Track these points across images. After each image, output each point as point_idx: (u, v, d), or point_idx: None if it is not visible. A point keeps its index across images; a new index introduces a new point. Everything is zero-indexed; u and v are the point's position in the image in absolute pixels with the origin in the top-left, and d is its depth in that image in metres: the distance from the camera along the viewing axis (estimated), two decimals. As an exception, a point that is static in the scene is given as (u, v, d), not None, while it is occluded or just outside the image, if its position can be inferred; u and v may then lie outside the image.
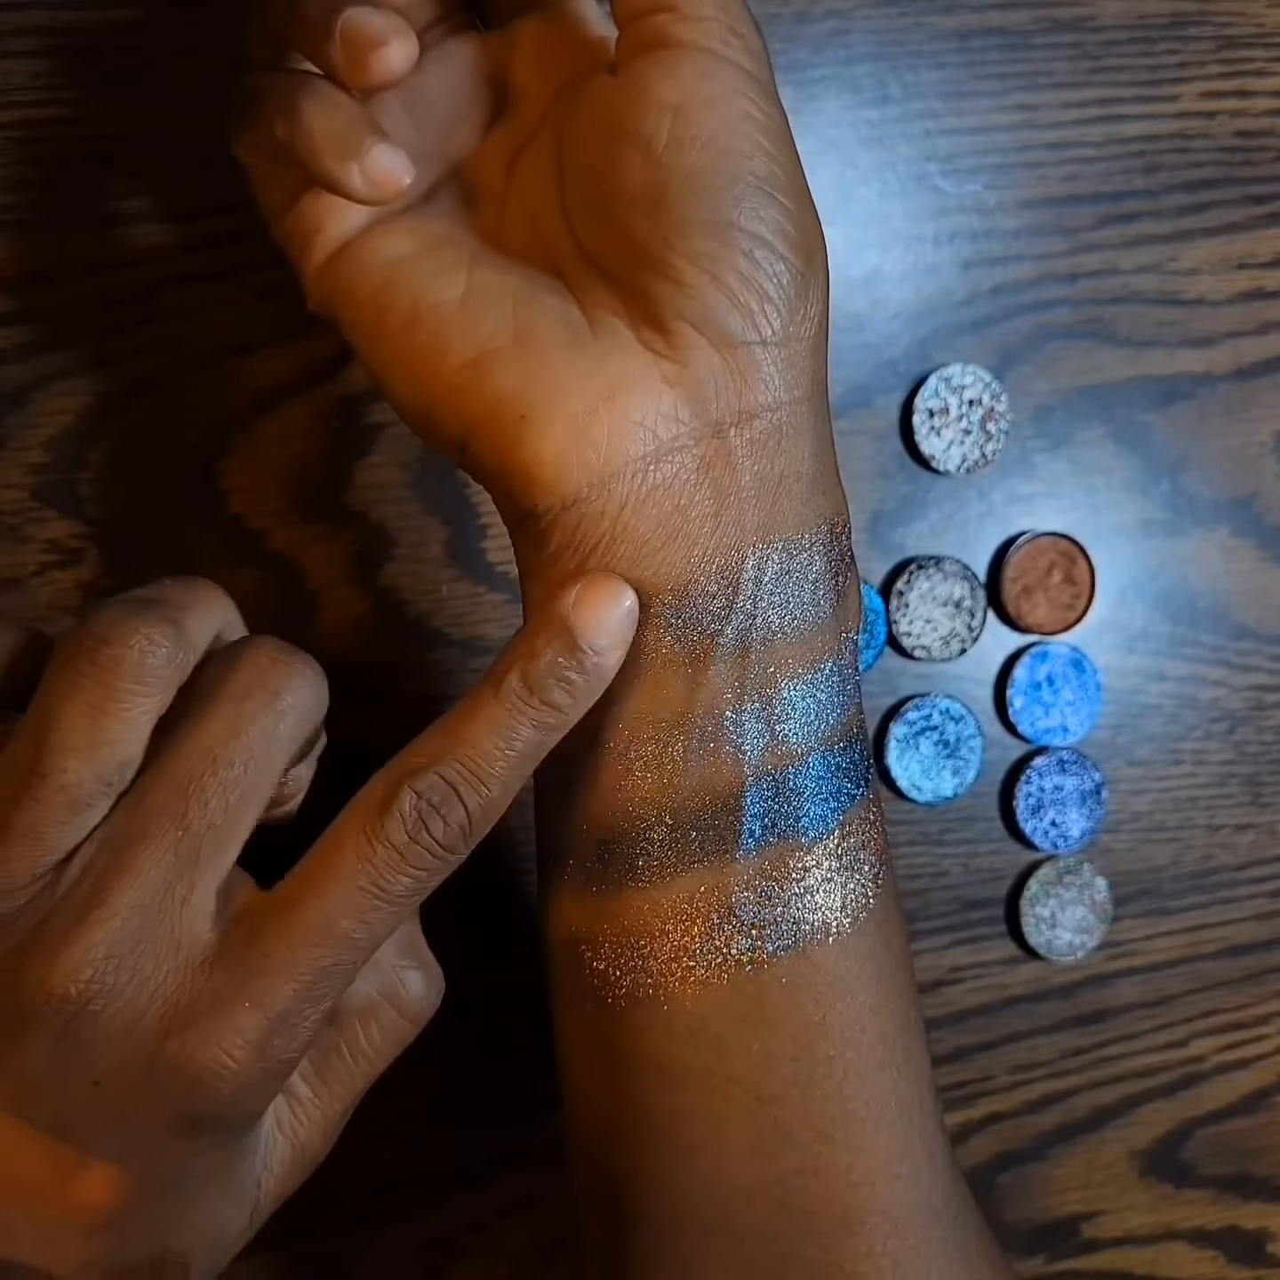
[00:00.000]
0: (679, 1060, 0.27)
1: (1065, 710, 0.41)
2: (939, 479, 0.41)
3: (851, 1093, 0.27)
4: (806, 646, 0.27)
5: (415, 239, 0.29)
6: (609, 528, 0.27)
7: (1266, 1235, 0.42)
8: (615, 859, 0.27)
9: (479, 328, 0.27)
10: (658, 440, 0.26)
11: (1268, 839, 0.42)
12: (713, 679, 0.27)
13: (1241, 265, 0.41)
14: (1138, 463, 0.41)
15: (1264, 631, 0.42)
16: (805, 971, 0.27)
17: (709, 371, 0.27)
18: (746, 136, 0.27)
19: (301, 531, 0.38)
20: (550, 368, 0.27)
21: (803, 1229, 0.27)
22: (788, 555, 0.27)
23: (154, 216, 0.37)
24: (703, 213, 0.26)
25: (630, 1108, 0.28)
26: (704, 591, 0.27)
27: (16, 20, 0.37)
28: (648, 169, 0.27)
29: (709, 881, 0.27)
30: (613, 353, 0.27)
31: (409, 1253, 0.39)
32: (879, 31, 0.40)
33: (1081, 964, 0.41)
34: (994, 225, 0.40)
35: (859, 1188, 0.27)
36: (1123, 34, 0.41)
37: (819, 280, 0.28)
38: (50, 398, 0.37)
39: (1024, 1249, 0.41)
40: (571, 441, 0.26)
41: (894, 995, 0.28)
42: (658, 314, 0.27)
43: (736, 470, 0.27)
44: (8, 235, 0.37)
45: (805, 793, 0.27)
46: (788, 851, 0.27)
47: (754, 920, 0.27)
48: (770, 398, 0.27)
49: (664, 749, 0.27)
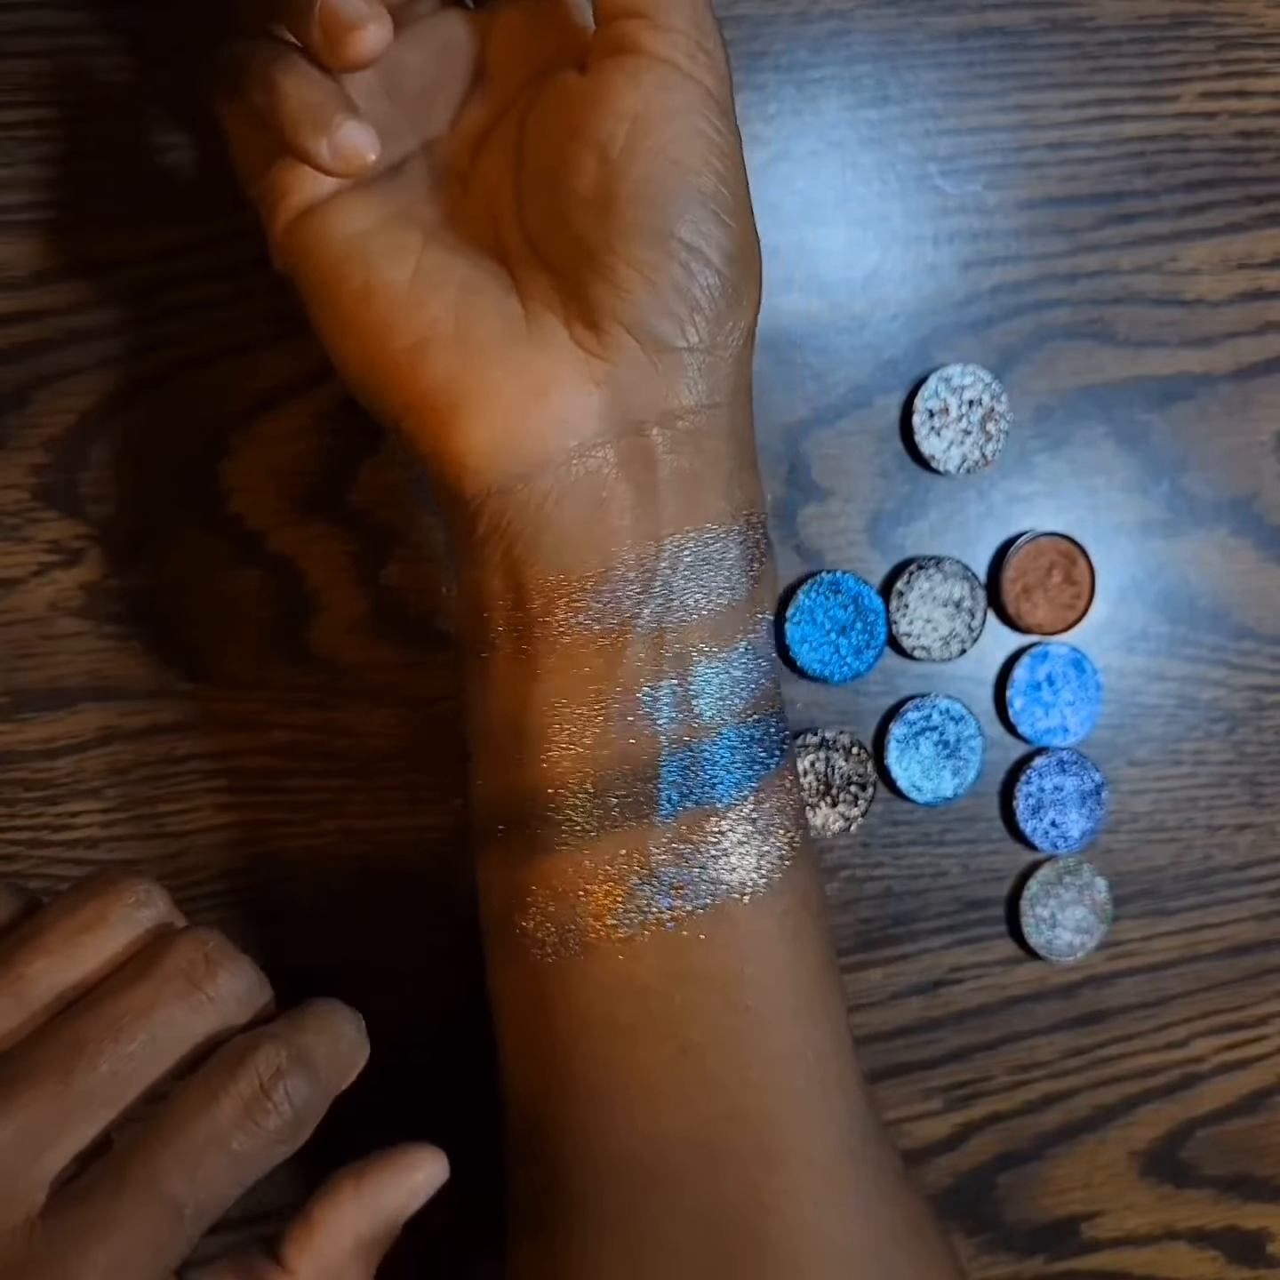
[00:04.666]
0: (606, 1015, 0.29)
1: (1065, 710, 0.41)
2: (939, 479, 0.41)
3: (770, 1041, 0.29)
4: (721, 628, 0.29)
5: (376, 212, 0.29)
6: (534, 516, 0.28)
7: (1266, 1235, 0.42)
8: (542, 826, 0.29)
9: (423, 311, 0.28)
10: (581, 436, 0.28)
11: (1268, 839, 0.42)
12: (630, 659, 0.28)
13: (1241, 265, 0.41)
14: (1138, 463, 0.41)
15: (1264, 631, 0.42)
16: (723, 929, 0.28)
17: (636, 373, 0.28)
18: (698, 153, 0.28)
19: (301, 531, 0.38)
20: (485, 359, 0.28)
21: (727, 1170, 0.29)
22: (703, 544, 0.29)
23: (154, 216, 0.37)
24: (647, 220, 0.27)
25: (561, 1062, 0.29)
26: (623, 578, 0.28)
27: (17, 20, 0.37)
28: (600, 172, 0.28)
29: (630, 845, 0.28)
30: (546, 349, 0.28)
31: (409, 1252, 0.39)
32: (879, 31, 0.40)
33: (1081, 964, 0.41)
34: (994, 225, 0.40)
35: (779, 1130, 0.29)
36: (1122, 34, 0.41)
37: (751, 295, 0.29)
38: (50, 398, 0.37)
39: (1024, 1249, 0.41)
40: (500, 433, 0.28)
41: (810, 951, 0.30)
42: (592, 313, 0.28)
43: (656, 466, 0.28)
44: (8, 235, 0.37)
45: (719, 762, 0.29)
46: (704, 816, 0.28)
47: (673, 881, 0.28)
48: (692, 401, 0.28)
49: (585, 724, 0.28)
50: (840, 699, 0.40)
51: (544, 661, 0.28)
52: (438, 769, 0.38)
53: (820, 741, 0.40)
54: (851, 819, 0.40)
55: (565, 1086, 0.29)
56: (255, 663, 0.38)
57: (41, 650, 0.37)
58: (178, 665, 0.38)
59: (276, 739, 0.38)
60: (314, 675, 0.38)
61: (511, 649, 0.29)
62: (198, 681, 0.38)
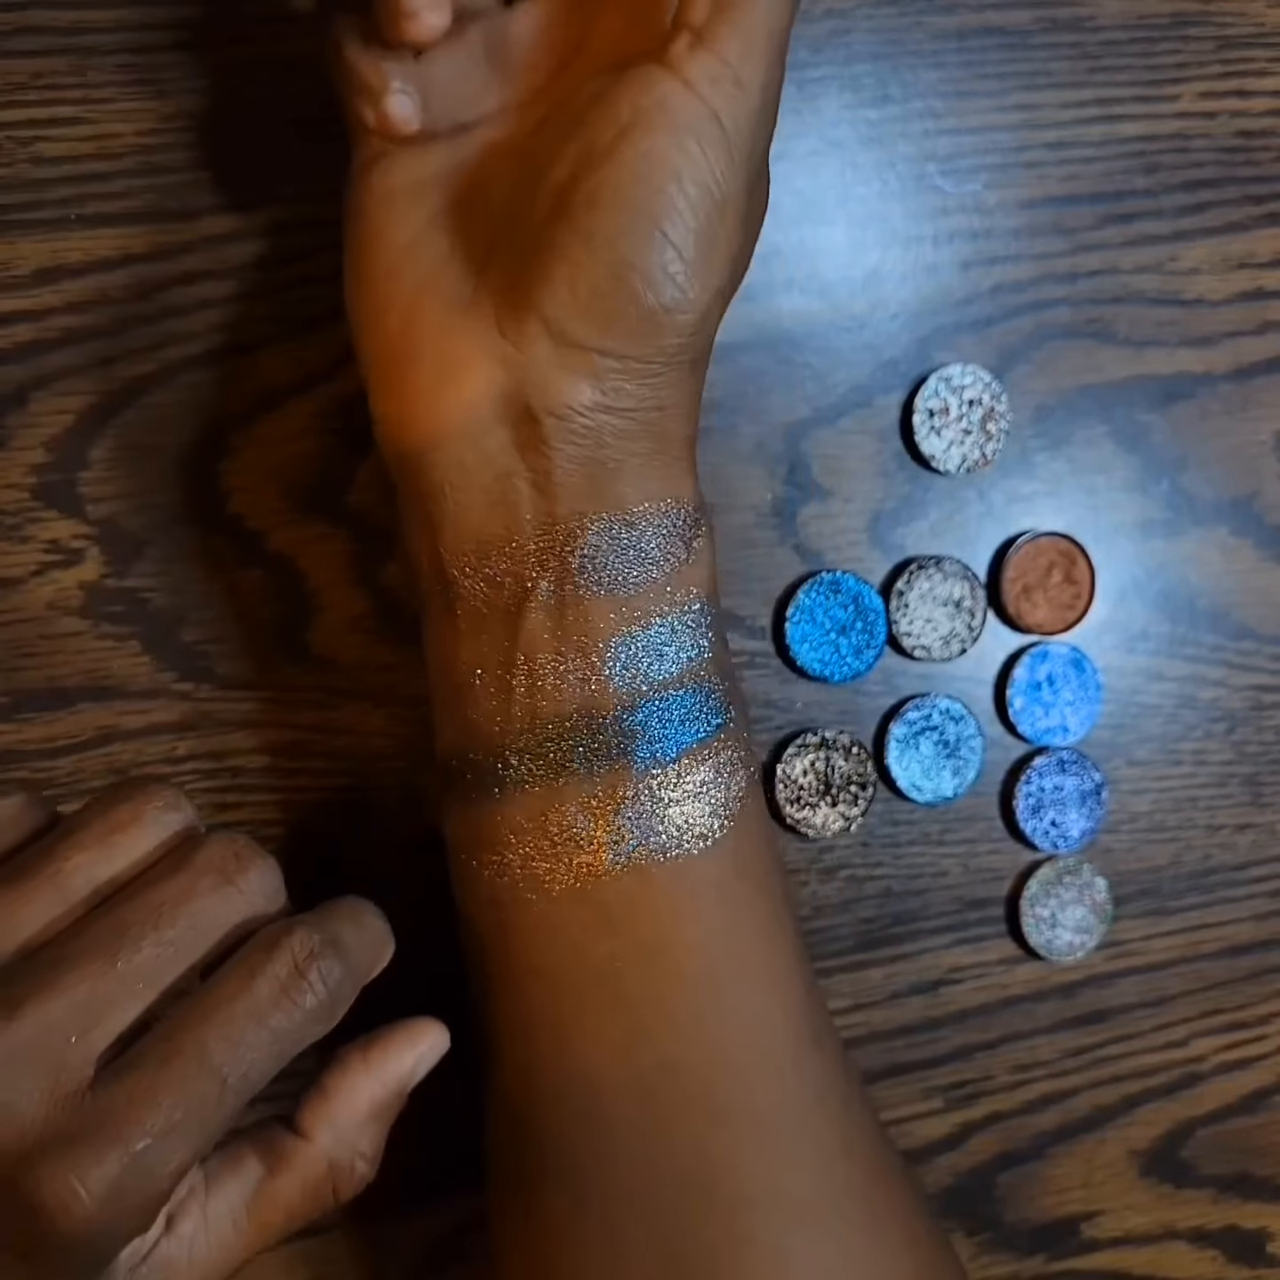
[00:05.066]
0: (542, 961, 0.30)
1: (1065, 710, 0.41)
2: (939, 479, 0.41)
3: (703, 1001, 0.30)
4: (633, 604, 0.30)
5: (414, 172, 0.31)
6: (439, 484, 0.30)
7: (1266, 1235, 0.42)
8: (477, 778, 0.30)
9: (396, 279, 0.30)
10: (478, 416, 0.29)
11: (1268, 839, 0.42)
12: (530, 625, 0.30)
13: (1241, 265, 0.41)
14: (1138, 462, 0.41)
15: (1264, 631, 0.42)
16: (647, 887, 0.30)
17: (541, 365, 0.29)
18: (670, 173, 0.28)
19: (301, 531, 0.38)
20: (420, 332, 0.30)
21: (672, 1123, 0.30)
22: (607, 528, 0.30)
23: (155, 216, 0.37)
24: (590, 223, 0.28)
25: (509, 1003, 0.31)
26: (520, 549, 0.30)
27: (18, 19, 0.37)
28: (574, 166, 0.28)
29: (554, 801, 0.30)
30: (470, 331, 0.30)
31: (410, 1252, 0.39)
32: (879, 31, 0.40)
33: (1081, 964, 0.41)
34: (993, 225, 0.40)
35: (720, 1086, 0.30)
36: (1123, 34, 0.41)
37: (679, 322, 0.29)
38: (50, 397, 0.37)
39: (1024, 1248, 0.41)
40: (415, 404, 0.30)
41: (748, 918, 0.30)
42: (519, 301, 0.29)
43: (550, 453, 0.29)
44: (8, 235, 0.37)
45: (638, 728, 0.30)
46: (626, 778, 0.30)
47: (592, 838, 0.30)
48: (594, 401, 0.29)
49: (496, 686, 0.30)
50: (840, 699, 0.40)
51: (460, 623, 0.30)
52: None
53: (820, 741, 0.40)
54: (851, 819, 0.40)
55: (512, 1027, 0.31)
56: (255, 663, 0.38)
57: (41, 650, 0.37)
58: (177, 665, 0.38)
59: (276, 739, 0.38)
60: (314, 675, 0.38)
61: (441, 606, 0.31)
62: (197, 681, 0.38)
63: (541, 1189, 0.31)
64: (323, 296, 0.38)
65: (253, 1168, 0.29)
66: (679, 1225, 0.30)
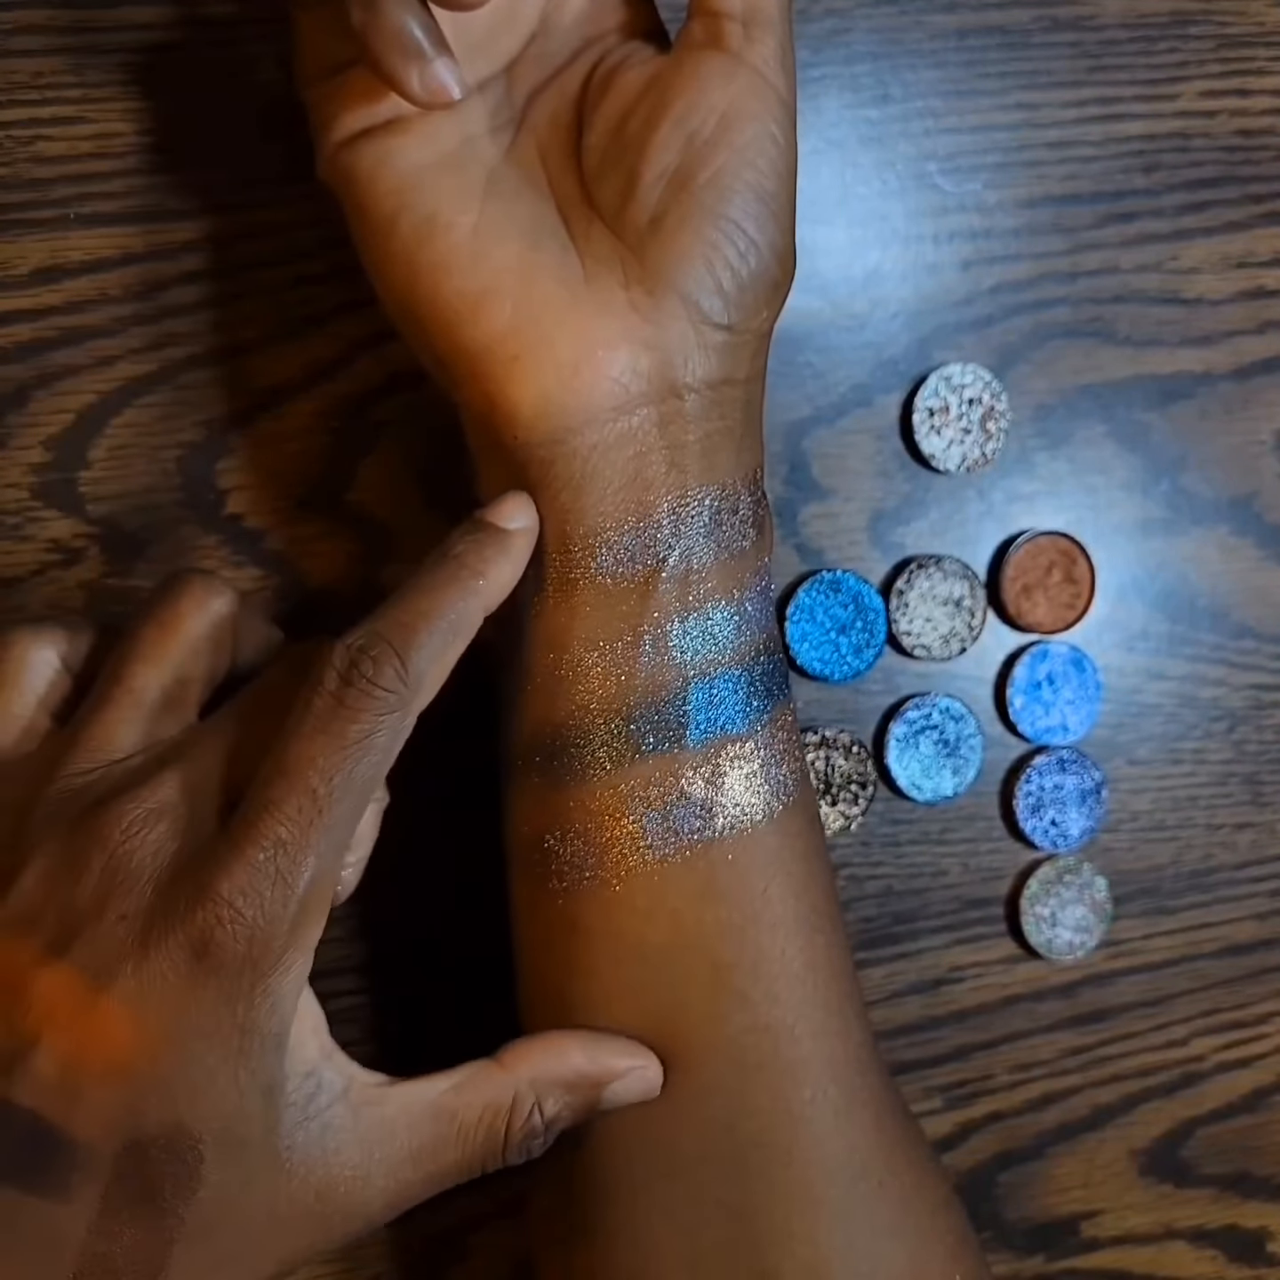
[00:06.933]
0: (641, 936, 0.30)
1: (1065, 709, 0.41)
2: (939, 478, 0.41)
3: (793, 955, 0.31)
4: (735, 570, 0.31)
5: (440, 146, 0.31)
6: (580, 467, 0.30)
7: (1266, 1235, 0.42)
8: (579, 754, 0.31)
9: (486, 262, 0.30)
10: (628, 395, 0.30)
11: (1268, 838, 0.42)
12: (660, 597, 0.31)
13: (1241, 264, 0.41)
14: (1137, 462, 0.41)
15: (1264, 631, 0.42)
16: (749, 848, 0.31)
17: (682, 342, 0.30)
18: (767, 157, 0.31)
19: (301, 531, 0.38)
20: (547, 316, 0.30)
21: (755, 1081, 0.30)
22: (722, 496, 0.31)
23: (155, 216, 0.37)
24: (717, 205, 0.30)
25: (592, 983, 0.31)
26: (656, 523, 0.30)
27: (18, 18, 0.37)
28: (685, 154, 0.30)
29: (661, 771, 0.30)
30: (603, 309, 0.30)
31: (410, 1251, 0.39)
32: (879, 31, 0.40)
33: (1081, 963, 0.41)
34: (993, 224, 0.40)
35: (802, 1041, 0.31)
36: (1123, 33, 0.41)
37: (784, 289, 0.32)
38: (50, 397, 0.37)
39: (1024, 1248, 0.41)
40: (555, 388, 0.30)
41: (819, 869, 0.32)
42: (651, 279, 0.30)
43: (688, 427, 0.31)
44: (8, 234, 0.37)
45: (740, 693, 0.31)
46: (727, 743, 0.31)
47: (703, 804, 0.30)
48: (724, 374, 0.31)
49: (620, 658, 0.31)
50: (840, 698, 0.40)
51: (584, 601, 0.31)
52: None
53: (820, 740, 0.40)
54: (851, 818, 0.40)
55: (591, 1004, 0.31)
56: (255, 662, 0.38)
57: (42, 650, 0.37)
58: (178, 665, 0.38)
59: (277, 738, 0.38)
60: (314, 675, 0.38)
61: (555, 593, 0.31)
62: (198, 681, 0.38)
63: (613, 1153, 0.31)
64: (322, 296, 0.38)
65: (439, 1078, 0.30)
66: (752, 1186, 0.30)
